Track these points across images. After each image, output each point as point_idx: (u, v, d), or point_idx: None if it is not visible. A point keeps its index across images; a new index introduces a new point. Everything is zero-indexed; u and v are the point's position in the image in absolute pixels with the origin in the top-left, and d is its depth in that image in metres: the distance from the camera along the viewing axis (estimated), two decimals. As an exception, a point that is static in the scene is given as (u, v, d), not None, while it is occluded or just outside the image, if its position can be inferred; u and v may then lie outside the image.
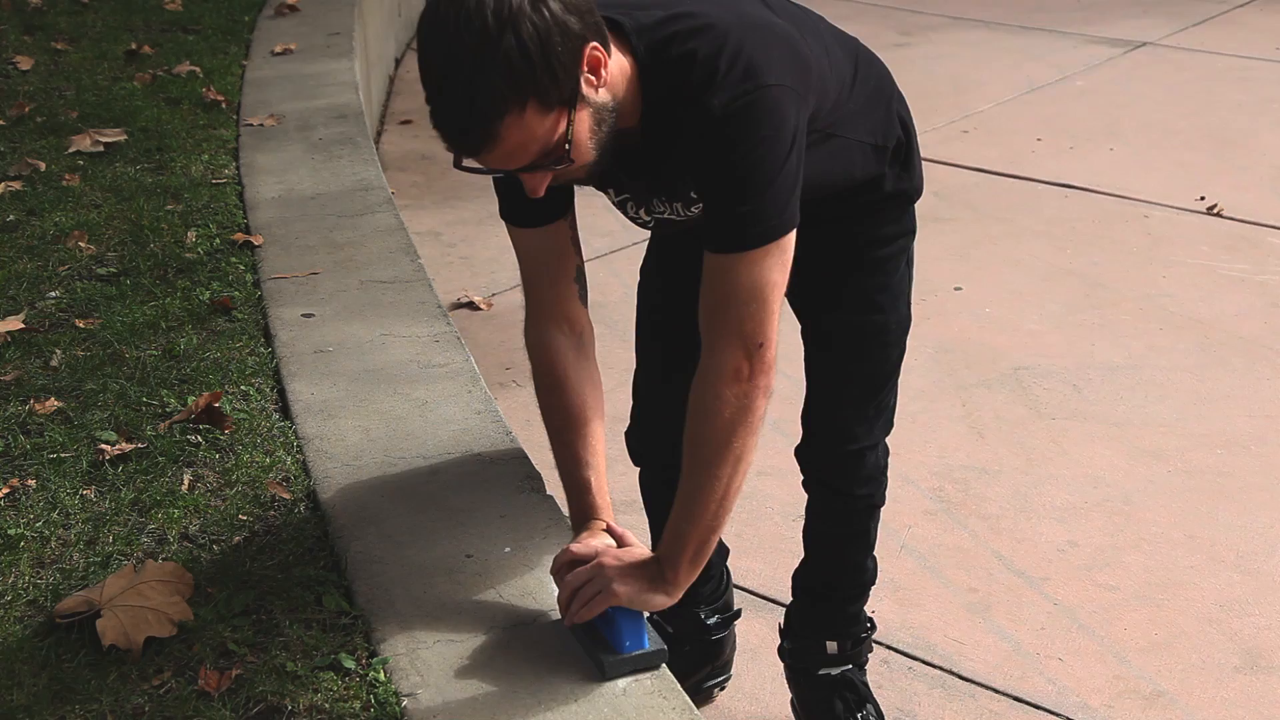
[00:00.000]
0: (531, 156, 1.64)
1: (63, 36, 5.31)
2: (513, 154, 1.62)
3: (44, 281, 3.17)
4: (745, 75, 1.68)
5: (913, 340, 2.24)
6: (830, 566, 2.38)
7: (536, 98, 1.57)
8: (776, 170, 1.69)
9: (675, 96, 1.71)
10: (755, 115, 1.67)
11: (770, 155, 1.69)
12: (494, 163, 1.64)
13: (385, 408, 2.52)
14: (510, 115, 1.57)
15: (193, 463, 2.40)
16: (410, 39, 7.00)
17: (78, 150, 4.02)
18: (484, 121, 1.57)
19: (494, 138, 1.59)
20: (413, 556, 2.06)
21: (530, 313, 1.99)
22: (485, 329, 3.91)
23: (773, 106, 1.68)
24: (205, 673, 1.85)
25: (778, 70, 1.71)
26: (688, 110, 1.70)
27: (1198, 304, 4.01)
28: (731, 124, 1.67)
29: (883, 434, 2.25)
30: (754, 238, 1.70)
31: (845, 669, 2.38)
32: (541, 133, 1.61)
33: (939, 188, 4.88)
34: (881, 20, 7.00)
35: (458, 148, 1.63)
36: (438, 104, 1.60)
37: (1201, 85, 5.99)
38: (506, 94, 1.56)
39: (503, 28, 1.54)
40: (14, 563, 2.13)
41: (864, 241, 2.10)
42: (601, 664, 1.78)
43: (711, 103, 1.67)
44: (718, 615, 2.51)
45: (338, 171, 3.84)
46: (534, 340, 1.98)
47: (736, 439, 1.74)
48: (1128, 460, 3.26)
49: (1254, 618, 2.72)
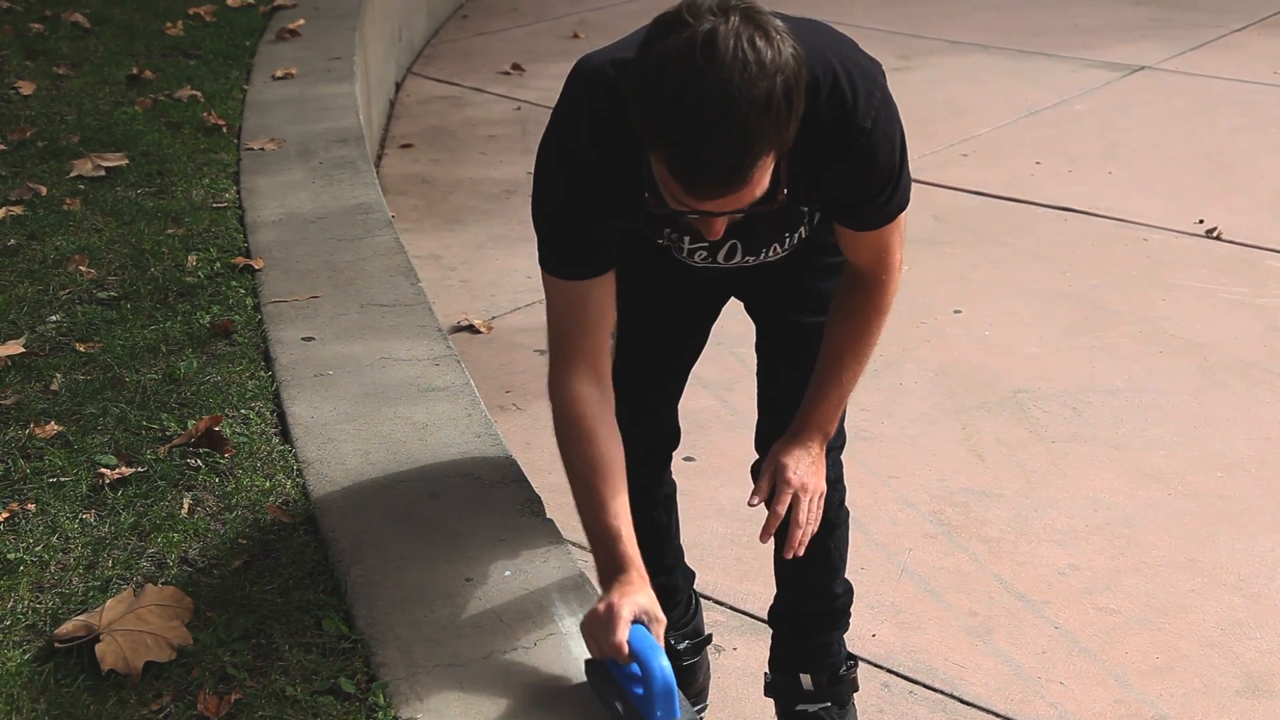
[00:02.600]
0: (755, 199, 1.65)
1: (64, 61, 5.33)
2: (743, 197, 1.63)
3: (44, 305, 3.17)
4: (868, 85, 1.81)
5: (912, 363, 2.25)
6: (795, 591, 2.35)
7: (778, 143, 1.61)
8: (905, 148, 1.89)
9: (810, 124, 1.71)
10: (889, 115, 1.83)
11: (903, 139, 1.87)
12: (730, 204, 1.64)
13: (385, 431, 2.52)
14: (763, 159, 1.59)
15: (192, 486, 2.40)
16: (411, 63, 7.03)
17: (79, 174, 4.03)
18: (752, 163, 1.58)
19: (748, 179, 1.60)
20: (412, 580, 2.06)
21: (559, 362, 1.92)
22: (485, 352, 3.91)
23: (890, 101, 1.84)
24: (204, 697, 1.84)
25: (873, 68, 1.84)
26: (832, 133, 1.79)
27: (1197, 327, 4.01)
28: (880, 130, 1.82)
29: (837, 441, 2.20)
30: (904, 204, 1.94)
31: (823, 706, 2.35)
32: (767, 179, 1.64)
33: (938, 211, 4.89)
34: (881, 44, 7.02)
35: (709, 185, 1.60)
36: (704, 141, 1.56)
37: (1200, 109, 6.01)
38: (771, 138, 1.58)
39: (777, 71, 1.56)
40: (13, 587, 2.12)
41: (825, 243, 2.09)
42: None
43: (858, 120, 1.80)
44: (687, 641, 2.48)
45: (338, 195, 3.85)
46: (561, 391, 1.91)
47: (893, 303, 2.06)
48: (1128, 483, 3.26)
49: (1255, 641, 2.72)
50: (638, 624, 1.73)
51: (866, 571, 2.87)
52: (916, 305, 4.11)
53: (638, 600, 1.76)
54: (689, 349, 2.33)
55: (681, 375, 2.34)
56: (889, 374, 3.68)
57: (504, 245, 4.58)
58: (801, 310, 2.17)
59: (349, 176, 4.00)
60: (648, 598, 1.78)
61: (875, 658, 2.67)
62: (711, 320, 2.32)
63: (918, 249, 4.53)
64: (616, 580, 1.79)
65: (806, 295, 2.15)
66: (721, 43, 1.55)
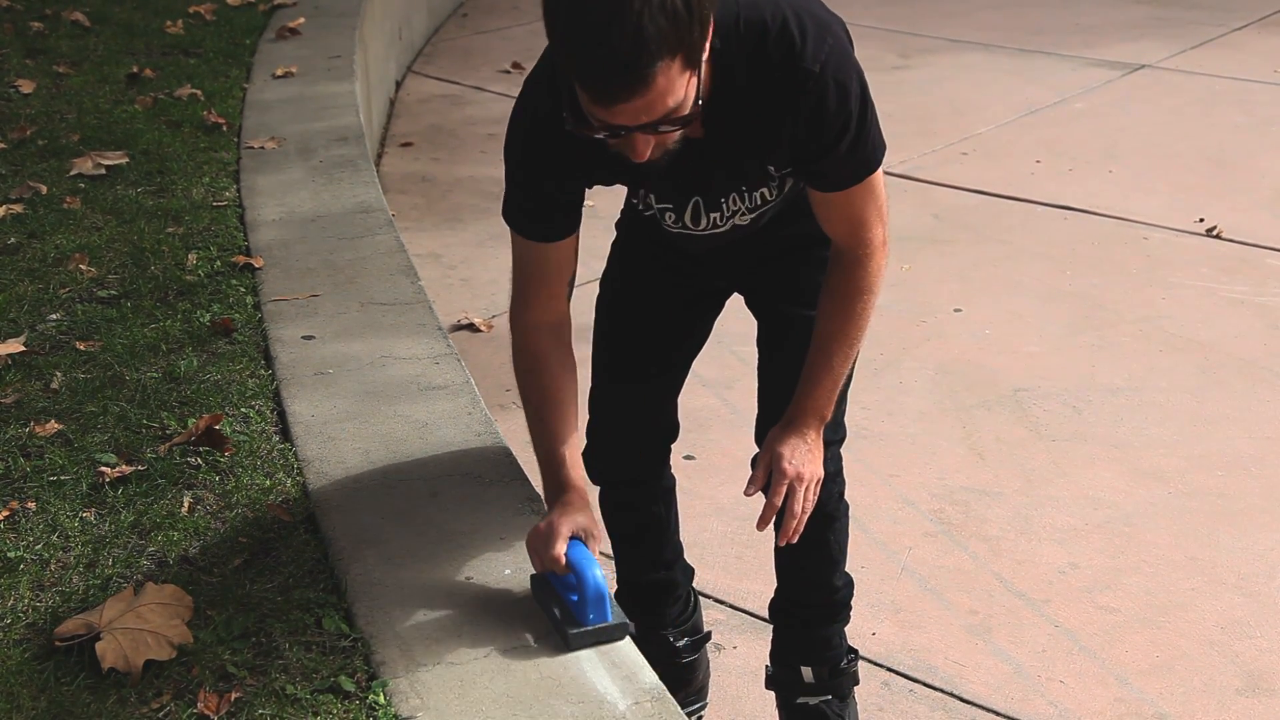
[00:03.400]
0: (664, 111, 1.65)
1: (64, 60, 5.33)
2: (653, 105, 1.64)
3: (45, 304, 3.17)
4: (819, 31, 1.81)
5: (912, 362, 2.25)
6: (794, 584, 2.36)
7: (684, 53, 1.62)
8: (868, 102, 1.86)
9: (757, 66, 1.79)
10: (843, 62, 1.83)
11: (862, 90, 1.85)
12: (630, 114, 1.64)
13: (385, 429, 2.52)
14: (664, 61, 1.60)
15: (193, 485, 2.40)
16: (411, 61, 7.02)
17: (79, 173, 4.03)
18: (648, 62, 1.59)
19: (649, 81, 1.60)
20: (412, 579, 2.06)
21: (519, 300, 2.04)
22: (485, 350, 3.91)
23: (846, 51, 1.84)
24: (205, 696, 1.84)
25: (830, 19, 1.85)
26: (779, 76, 1.79)
27: (1198, 326, 4.01)
28: (830, 76, 1.81)
29: (835, 435, 2.20)
30: (871, 164, 1.92)
31: (823, 699, 2.36)
32: (677, 89, 1.64)
33: (938, 210, 4.89)
34: (881, 43, 7.03)
35: (610, 87, 1.61)
36: (600, 40, 1.58)
37: (1200, 107, 6.01)
38: (670, 39, 1.59)
39: None
40: (13, 585, 2.12)
41: (820, 237, 2.10)
42: (566, 636, 1.87)
43: (805, 63, 1.79)
44: (686, 638, 2.49)
45: (338, 194, 3.85)
46: (519, 324, 2.04)
47: (879, 284, 2.03)
48: (1128, 482, 3.26)
49: (1256, 640, 2.72)
50: (575, 539, 1.89)
51: (867, 570, 2.87)
52: (917, 304, 4.11)
53: (576, 519, 1.91)
54: (689, 342, 2.34)
55: (681, 368, 2.35)
56: (889, 372, 3.68)
57: (504, 244, 4.52)
58: (796, 302, 2.18)
59: (349, 175, 4.00)
60: (586, 516, 1.92)
61: (875, 656, 2.67)
62: (713, 315, 2.34)
63: (918, 247, 4.54)
64: (559, 501, 1.95)
65: (801, 288, 2.16)
66: None
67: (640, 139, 1.70)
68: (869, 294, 2.03)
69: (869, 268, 2.01)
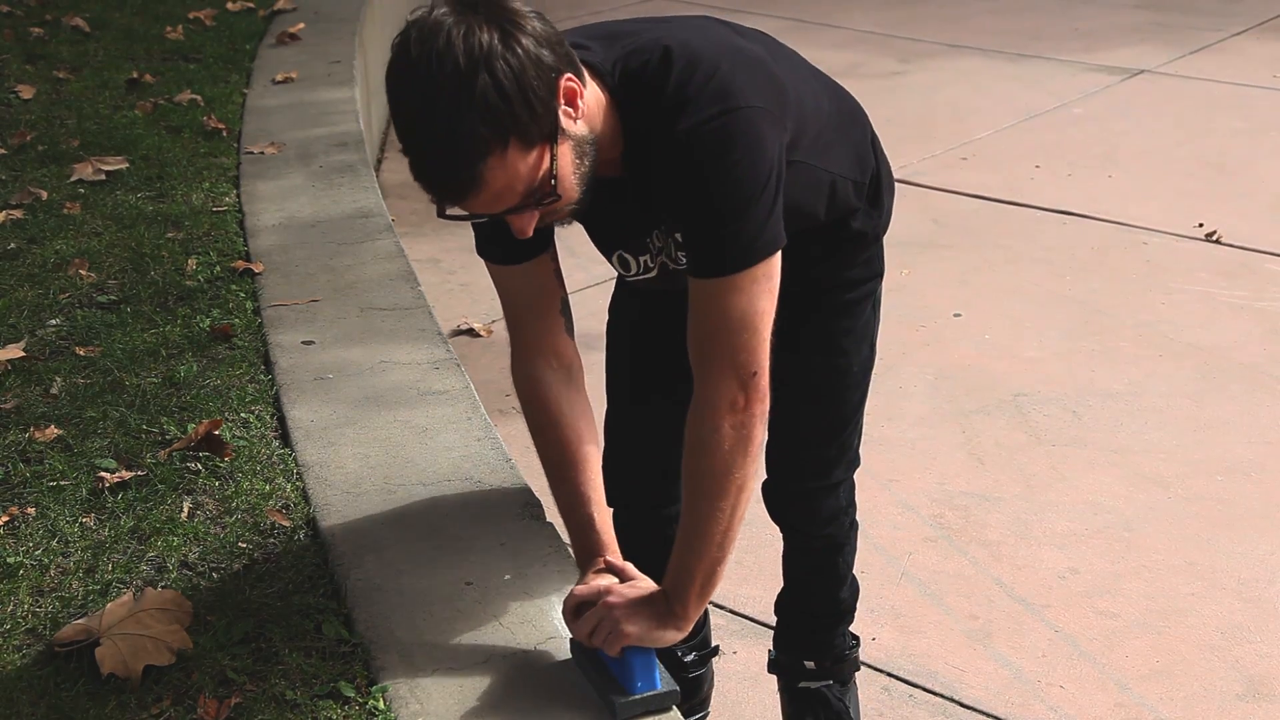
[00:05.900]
0: (518, 197, 1.60)
1: (64, 65, 5.33)
2: (499, 196, 1.59)
3: (45, 309, 3.17)
4: (717, 97, 1.65)
5: (912, 367, 2.25)
6: (802, 596, 2.39)
7: (517, 136, 1.54)
8: (756, 192, 1.65)
9: (649, 124, 1.68)
10: (728, 138, 1.64)
11: (747, 177, 1.65)
12: (480, 207, 1.60)
13: (385, 435, 2.52)
14: (493, 157, 1.54)
15: (192, 490, 2.40)
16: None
17: (79, 178, 4.03)
18: (467, 167, 1.54)
19: (478, 182, 1.55)
20: (412, 584, 2.06)
21: (516, 349, 1.94)
22: (485, 356, 3.91)
23: (745, 128, 1.65)
24: (204, 701, 1.84)
25: (751, 93, 1.68)
26: (659, 137, 1.67)
27: (1197, 331, 4.02)
28: (700, 148, 1.64)
29: (846, 474, 2.21)
30: (736, 261, 1.67)
31: (824, 684, 2.38)
32: (525, 171, 1.58)
33: (937, 215, 4.89)
34: (879, 48, 7.03)
35: (442, 196, 1.58)
36: (417, 153, 1.55)
37: (1200, 112, 6.01)
38: (487, 135, 1.52)
39: (475, 68, 1.51)
40: (13, 591, 2.12)
41: (828, 285, 2.05)
42: (613, 706, 1.75)
43: (678, 127, 1.64)
44: (694, 653, 2.48)
45: (338, 199, 3.85)
46: (522, 377, 1.93)
47: (737, 469, 1.72)
48: (1128, 487, 3.26)
49: (1255, 645, 2.72)
50: None
51: (867, 575, 2.85)
52: (916, 308, 4.11)
53: (596, 583, 1.81)
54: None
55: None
56: (889, 378, 3.67)
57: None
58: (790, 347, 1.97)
59: (349, 181, 4.00)
60: (606, 579, 1.83)
61: (876, 661, 2.67)
62: None
63: (917, 252, 4.54)
64: (592, 565, 1.87)
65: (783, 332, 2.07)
66: (416, 45, 1.55)
67: (513, 219, 1.64)
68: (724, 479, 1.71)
69: (718, 444, 1.70)
